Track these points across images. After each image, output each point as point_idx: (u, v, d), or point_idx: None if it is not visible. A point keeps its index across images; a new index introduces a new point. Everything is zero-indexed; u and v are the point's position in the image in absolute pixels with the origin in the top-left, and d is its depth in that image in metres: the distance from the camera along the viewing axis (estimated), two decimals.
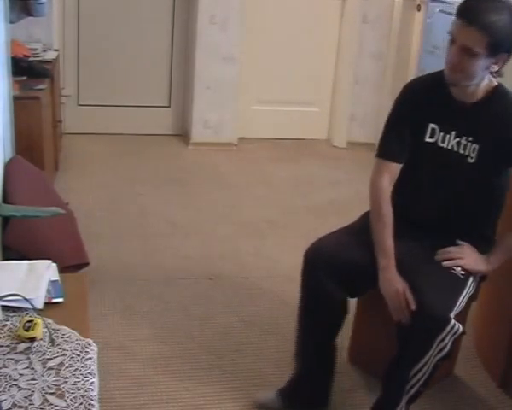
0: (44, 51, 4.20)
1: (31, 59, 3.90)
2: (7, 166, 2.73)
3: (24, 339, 1.57)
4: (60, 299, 1.76)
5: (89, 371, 1.50)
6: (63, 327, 1.63)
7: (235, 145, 5.08)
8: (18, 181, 2.70)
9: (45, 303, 1.72)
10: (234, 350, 2.71)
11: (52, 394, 1.42)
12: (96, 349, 1.59)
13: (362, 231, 2.30)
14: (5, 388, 1.42)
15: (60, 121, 4.32)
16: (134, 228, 3.69)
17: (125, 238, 3.57)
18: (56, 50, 4.39)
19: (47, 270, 1.83)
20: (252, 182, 4.51)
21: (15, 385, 1.43)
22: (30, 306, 1.65)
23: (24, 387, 1.43)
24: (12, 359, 1.51)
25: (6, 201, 2.57)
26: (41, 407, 1.38)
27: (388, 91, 4.87)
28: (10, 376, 1.45)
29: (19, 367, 1.48)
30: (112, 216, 3.80)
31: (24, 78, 3.57)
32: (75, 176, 4.27)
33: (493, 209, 2.35)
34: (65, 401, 1.41)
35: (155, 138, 5.08)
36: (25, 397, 1.40)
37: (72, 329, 1.63)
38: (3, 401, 1.37)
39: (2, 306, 1.66)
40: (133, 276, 3.20)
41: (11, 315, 1.66)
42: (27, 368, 1.49)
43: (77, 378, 1.48)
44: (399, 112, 2.32)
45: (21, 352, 1.54)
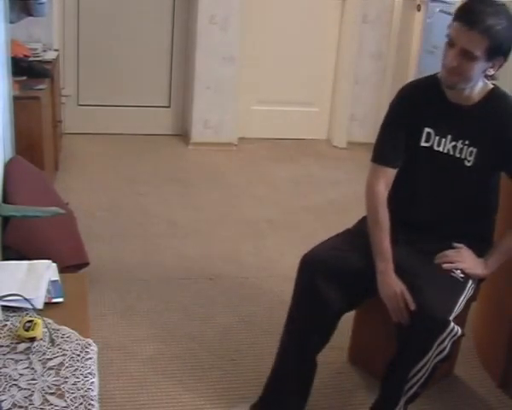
0: (44, 51, 4.20)
1: (31, 59, 3.90)
2: (7, 166, 2.73)
3: (24, 339, 1.57)
4: (60, 299, 1.76)
5: (89, 371, 1.50)
6: (63, 327, 1.63)
7: (235, 145, 5.08)
8: (18, 181, 2.70)
9: (45, 303, 1.72)
10: (234, 350, 2.71)
11: (52, 394, 1.42)
12: (96, 349, 1.59)
13: (359, 236, 2.29)
14: (5, 388, 1.42)
15: (60, 121, 4.32)
16: (134, 228, 3.69)
17: (125, 238, 3.57)
18: (56, 50, 4.39)
19: (47, 270, 1.84)
20: (252, 182, 4.51)
21: (15, 385, 1.43)
22: (30, 306, 1.65)
23: (24, 387, 1.43)
24: (12, 359, 1.51)
25: (6, 201, 2.57)
26: (41, 407, 1.39)
27: (388, 91, 4.86)
28: (10, 376, 1.45)
29: (19, 367, 1.49)
30: (112, 216, 3.80)
31: (24, 78, 3.57)
32: (75, 176, 4.26)
33: (489, 210, 2.35)
34: (65, 401, 1.41)
35: (155, 138, 5.08)
36: (25, 397, 1.40)
37: (72, 329, 1.63)
38: (3, 401, 1.37)
39: (2, 306, 1.66)
40: (133, 276, 3.20)
41: (11, 315, 1.66)
42: (27, 368, 1.49)
43: (77, 378, 1.48)
44: (394, 116, 2.31)
45: (21, 352, 1.54)
